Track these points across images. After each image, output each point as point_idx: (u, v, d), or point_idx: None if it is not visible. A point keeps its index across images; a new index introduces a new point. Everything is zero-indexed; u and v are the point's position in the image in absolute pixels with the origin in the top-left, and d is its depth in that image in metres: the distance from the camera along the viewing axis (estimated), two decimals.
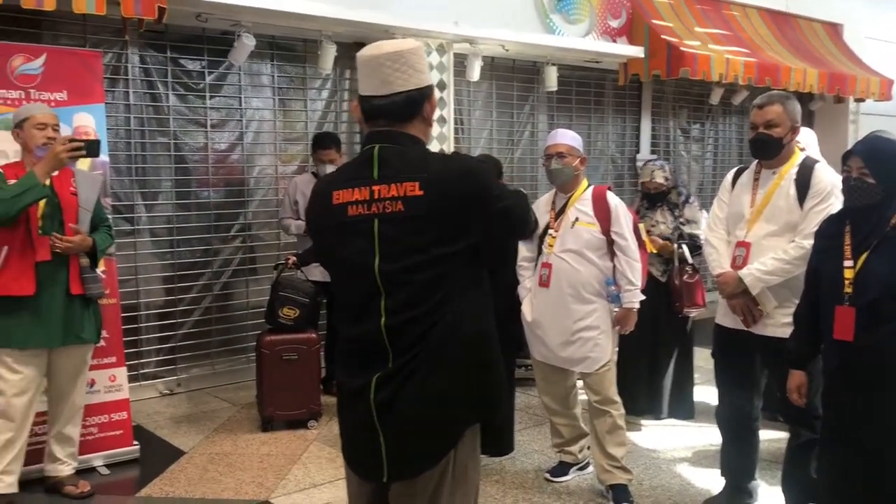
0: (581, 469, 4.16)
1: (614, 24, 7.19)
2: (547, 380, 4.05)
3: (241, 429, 4.91)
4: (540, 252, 3.92)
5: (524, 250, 4.04)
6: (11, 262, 3.57)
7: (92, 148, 3.64)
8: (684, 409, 5.04)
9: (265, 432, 4.80)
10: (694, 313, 4.85)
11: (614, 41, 7.19)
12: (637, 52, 7.18)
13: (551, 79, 6.86)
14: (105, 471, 4.23)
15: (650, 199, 4.98)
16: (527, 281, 4.01)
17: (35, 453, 3.93)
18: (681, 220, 4.86)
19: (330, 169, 5.30)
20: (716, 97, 7.91)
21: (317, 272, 5.20)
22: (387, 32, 5.74)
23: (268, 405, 4.79)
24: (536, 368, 4.09)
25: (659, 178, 4.88)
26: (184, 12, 5.04)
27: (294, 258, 4.96)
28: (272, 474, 4.18)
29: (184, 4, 4.86)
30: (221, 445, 4.62)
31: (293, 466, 4.28)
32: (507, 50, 6.69)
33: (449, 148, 6.28)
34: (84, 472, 4.08)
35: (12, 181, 3.55)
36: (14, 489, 3.69)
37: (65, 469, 3.91)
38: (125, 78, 5.42)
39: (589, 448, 4.09)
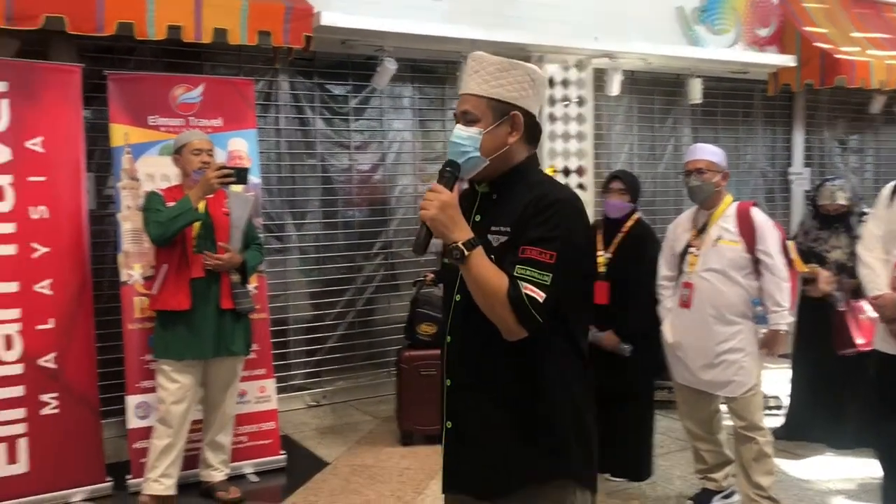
0: (726, 497, 3.97)
1: (763, 32, 6.90)
2: (689, 404, 3.90)
3: (382, 442, 5.02)
4: (681, 271, 3.80)
5: (664, 269, 3.93)
6: (169, 278, 3.84)
7: (241, 175, 3.84)
8: None
9: (405, 446, 4.89)
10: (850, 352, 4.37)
11: (762, 51, 6.90)
12: (788, 60, 6.86)
13: (695, 91, 6.66)
14: (255, 478, 4.44)
15: (825, 221, 4.69)
16: (667, 301, 3.90)
17: (192, 459, 4.18)
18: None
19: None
20: (877, 105, 7.42)
21: None
22: (524, 51, 5.77)
23: (406, 419, 4.87)
24: (678, 392, 3.95)
25: (841, 199, 4.59)
26: (330, 40, 5.27)
27: (432, 275, 5.03)
28: (411, 488, 4.25)
29: (330, 32, 5.08)
30: (363, 458, 4.75)
31: (431, 482, 4.33)
32: (648, 63, 6.56)
33: (589, 164, 6.22)
34: (235, 478, 4.29)
35: (171, 203, 3.81)
36: (173, 491, 3.93)
37: (217, 475, 4.13)
38: (276, 104, 5.72)
39: (734, 476, 3.91)
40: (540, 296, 1.79)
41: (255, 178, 4.65)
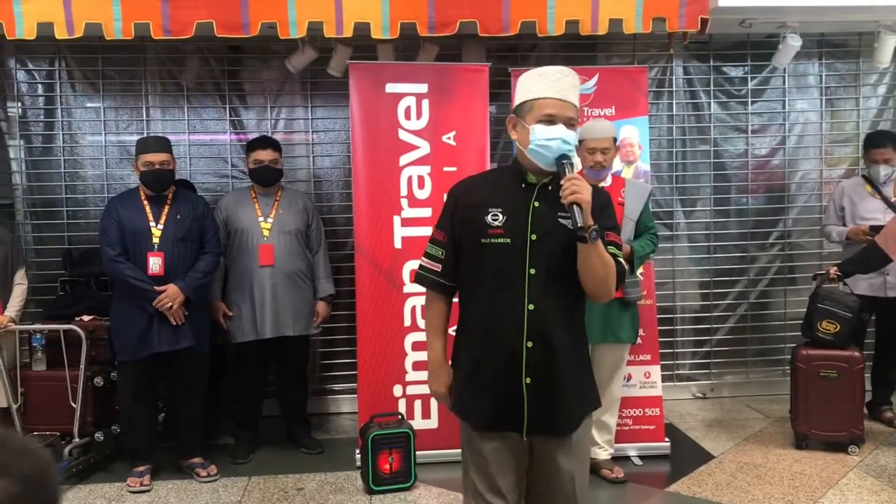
0: None
1: None
2: None
3: (773, 442, 4.75)
4: None
5: None
6: None
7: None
8: None
9: (798, 450, 4.57)
10: None
11: None
12: None
13: None
14: (638, 461, 4.48)
15: None
16: None
17: None
18: None
19: (884, 170, 4.85)
20: None
21: (863, 285, 4.80)
22: None
23: (801, 422, 4.55)
24: None
25: None
26: (727, 20, 5.06)
27: (835, 269, 4.62)
28: (804, 494, 3.97)
29: (727, 13, 4.87)
30: (751, 455, 4.54)
31: (828, 491, 4.01)
32: None
33: None
34: (619, 459, 4.38)
35: None
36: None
37: (602, 453, 4.25)
38: (669, 90, 5.67)
39: None
40: (624, 267, 2.34)
41: (645, 166, 4.69)
